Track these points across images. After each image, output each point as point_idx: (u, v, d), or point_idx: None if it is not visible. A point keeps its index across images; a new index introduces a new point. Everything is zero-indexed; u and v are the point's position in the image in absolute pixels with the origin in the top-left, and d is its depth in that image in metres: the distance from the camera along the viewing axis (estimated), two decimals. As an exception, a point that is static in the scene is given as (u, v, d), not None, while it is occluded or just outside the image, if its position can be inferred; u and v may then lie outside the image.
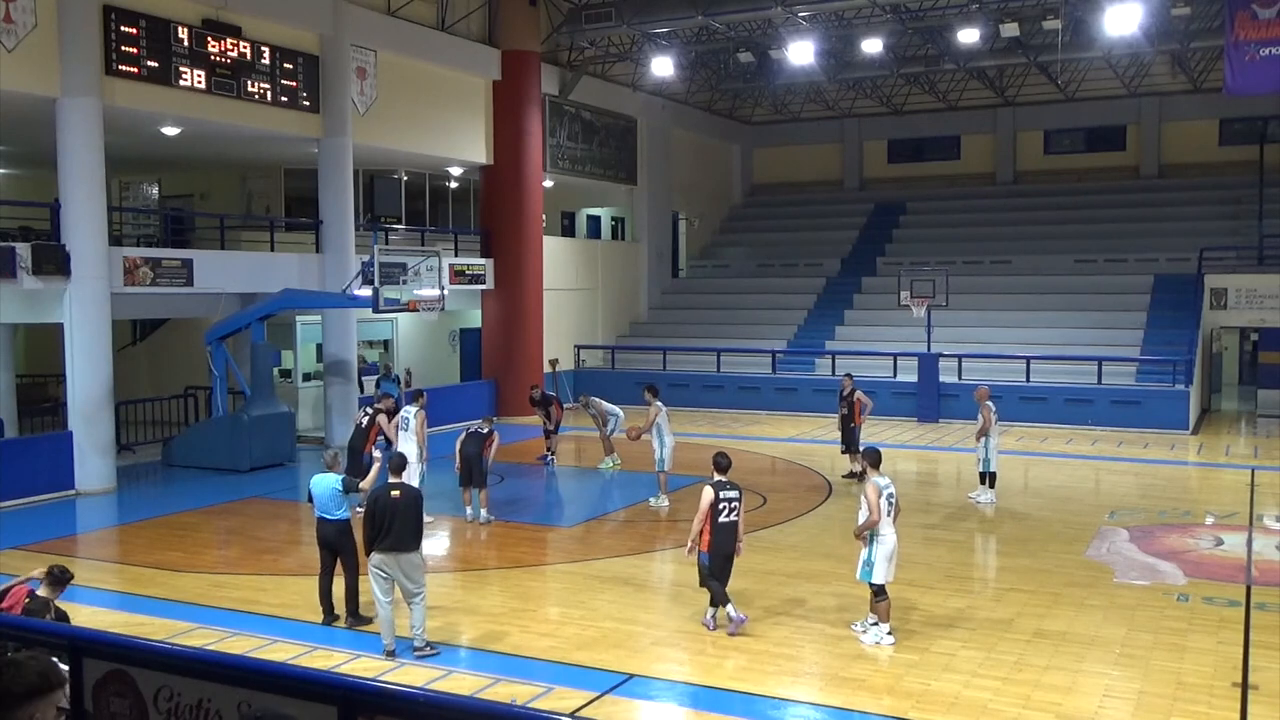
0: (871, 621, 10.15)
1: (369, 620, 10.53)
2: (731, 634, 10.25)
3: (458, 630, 10.60)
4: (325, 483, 10.65)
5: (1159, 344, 25.80)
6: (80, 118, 16.87)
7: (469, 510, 15.21)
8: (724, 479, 10.51)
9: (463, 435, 15.38)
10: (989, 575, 13.26)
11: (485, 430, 15.29)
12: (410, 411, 15.27)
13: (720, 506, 10.32)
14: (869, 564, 10.08)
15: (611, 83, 30.67)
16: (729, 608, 10.33)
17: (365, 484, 11.16)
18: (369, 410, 15.85)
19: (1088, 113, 34.86)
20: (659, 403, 16.49)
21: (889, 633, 10.05)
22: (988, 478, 16.42)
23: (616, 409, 19.80)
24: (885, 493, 10.17)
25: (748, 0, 24.94)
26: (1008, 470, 19.23)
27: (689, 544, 10.51)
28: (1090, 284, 29.23)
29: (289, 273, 21.34)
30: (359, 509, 10.90)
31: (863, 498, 10.30)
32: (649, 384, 17.47)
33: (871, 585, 10.12)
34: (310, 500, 10.77)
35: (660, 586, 12.64)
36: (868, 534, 10.08)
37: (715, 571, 10.36)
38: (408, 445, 14.88)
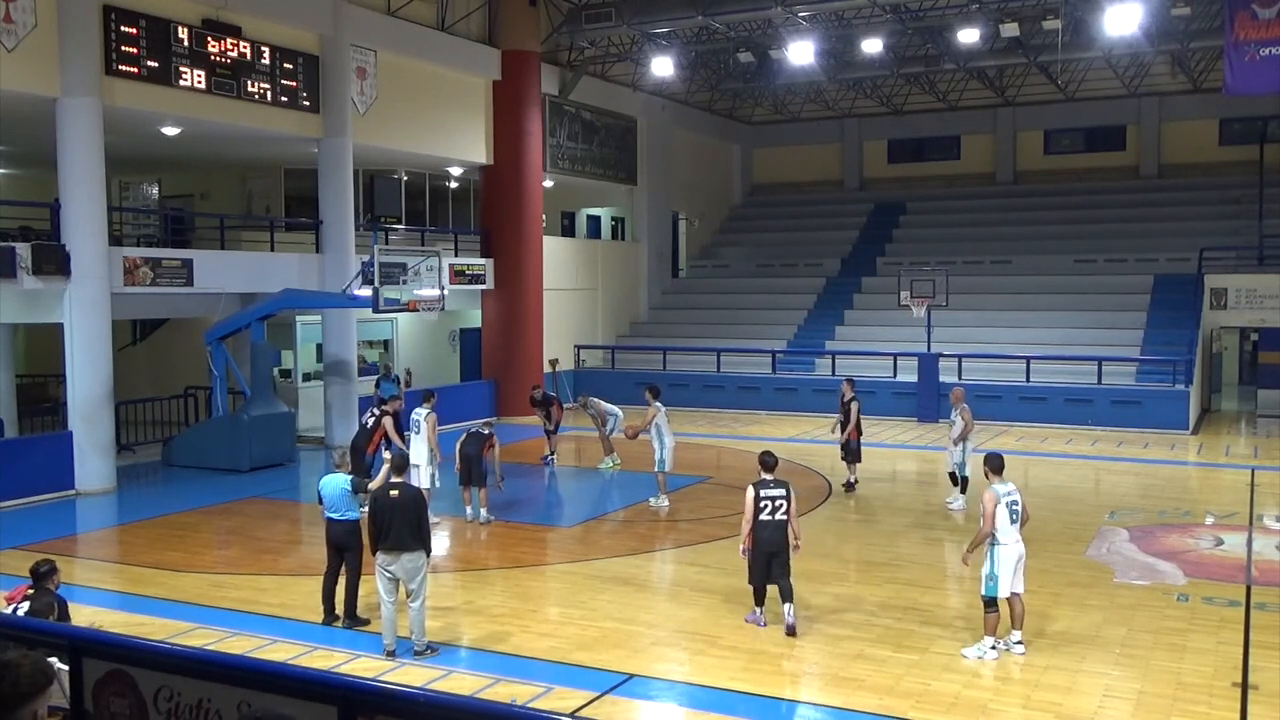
0: (992, 644, 9.69)
1: (366, 622, 10.55)
2: (748, 620, 10.54)
3: (458, 630, 10.61)
4: (334, 483, 10.65)
5: (1159, 344, 25.80)
6: (80, 118, 16.87)
7: (469, 510, 15.22)
8: (768, 478, 10.61)
9: (463, 436, 15.40)
10: (989, 575, 13.25)
11: (486, 432, 15.30)
12: (421, 414, 15.12)
13: (762, 505, 10.39)
14: (992, 577, 9.62)
15: (611, 83, 30.66)
16: (758, 609, 10.54)
17: (374, 485, 11.15)
18: (375, 411, 15.82)
19: (1088, 113, 34.85)
20: (658, 403, 16.46)
21: (992, 647, 9.66)
22: (961, 481, 16.07)
23: (616, 409, 19.79)
24: (1005, 500, 9.70)
25: (748, 0, 24.94)
26: (1008, 470, 19.17)
27: (741, 546, 10.67)
28: (1090, 284, 29.22)
29: (289, 273, 21.33)
30: (364, 509, 10.91)
31: (981, 506, 9.86)
32: (650, 384, 17.39)
33: (986, 598, 9.68)
34: (320, 501, 10.77)
35: (660, 586, 12.64)
36: (988, 545, 9.64)
37: (757, 569, 10.49)
38: (419, 447, 14.83)
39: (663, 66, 27.91)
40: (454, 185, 28.38)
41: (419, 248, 22.17)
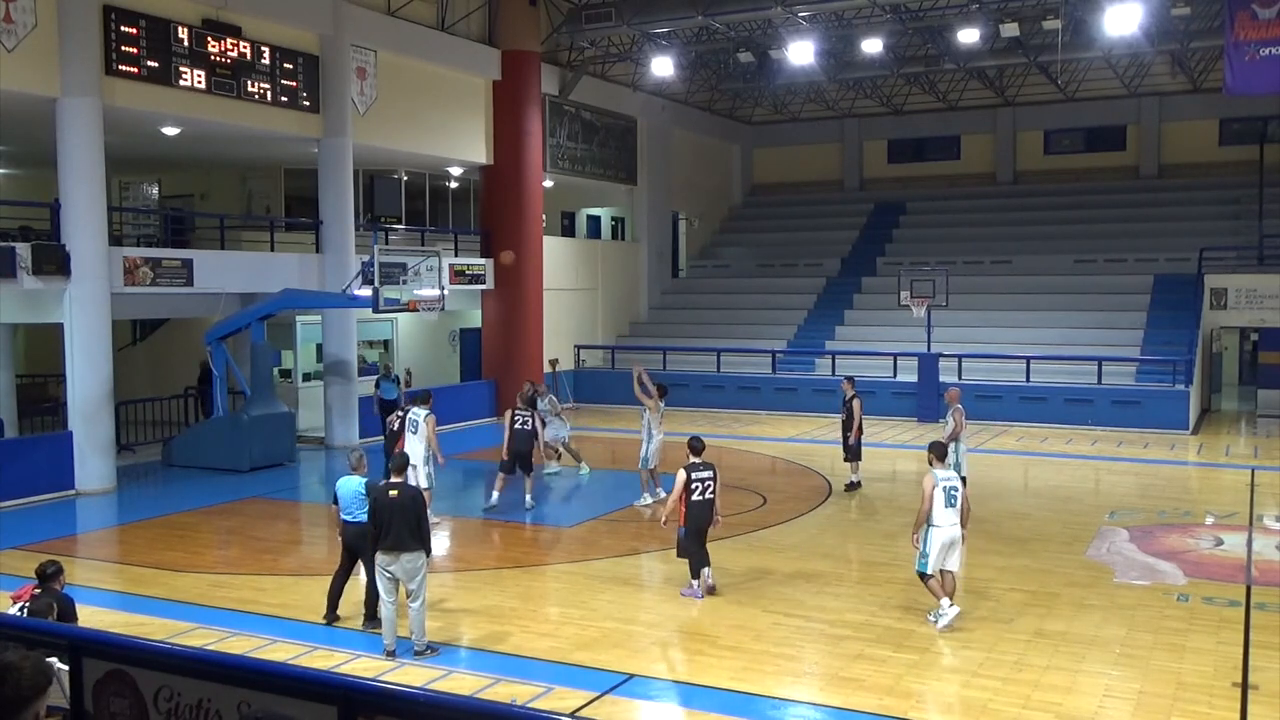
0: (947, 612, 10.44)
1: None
2: (684, 594, 11.33)
3: (458, 630, 10.61)
4: (350, 485, 10.65)
5: (1159, 344, 25.81)
6: (80, 118, 16.87)
7: (495, 496, 15.74)
8: (697, 460, 11.46)
9: (511, 429, 15.98)
10: (989, 575, 13.23)
11: (529, 426, 15.99)
12: (420, 414, 15.08)
13: (693, 486, 11.28)
14: (924, 555, 10.39)
15: (611, 83, 30.66)
16: (705, 572, 11.37)
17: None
18: (400, 414, 15.76)
19: (1088, 113, 34.85)
20: (662, 403, 16.62)
21: (950, 607, 10.36)
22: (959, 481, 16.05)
23: (562, 424, 19.14)
24: (942, 485, 10.35)
25: (748, 0, 24.95)
26: (1008, 470, 19.28)
27: (664, 518, 11.72)
28: (1090, 284, 29.23)
29: (289, 273, 21.33)
30: None
31: (922, 489, 10.59)
32: (660, 383, 17.34)
33: (919, 573, 10.51)
34: (335, 502, 10.76)
35: (661, 586, 12.61)
36: (924, 525, 10.39)
37: (692, 545, 11.39)
38: (415, 447, 14.82)
39: (663, 66, 27.90)
40: (454, 185, 28.38)
41: (419, 248, 22.17)
